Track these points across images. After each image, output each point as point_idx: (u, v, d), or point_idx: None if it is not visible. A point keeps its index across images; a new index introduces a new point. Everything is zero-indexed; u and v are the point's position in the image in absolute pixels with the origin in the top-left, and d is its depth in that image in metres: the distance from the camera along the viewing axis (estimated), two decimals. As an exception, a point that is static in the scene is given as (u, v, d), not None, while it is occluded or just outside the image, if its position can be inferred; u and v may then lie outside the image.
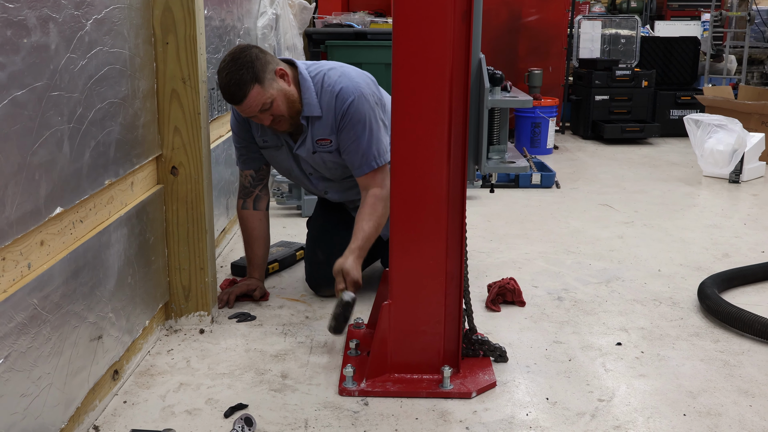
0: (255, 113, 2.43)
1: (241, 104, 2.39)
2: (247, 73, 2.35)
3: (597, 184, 4.95)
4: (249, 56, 2.37)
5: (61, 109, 1.65)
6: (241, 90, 2.36)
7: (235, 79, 2.35)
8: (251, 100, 2.38)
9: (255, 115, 2.44)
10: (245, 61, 2.36)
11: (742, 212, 4.26)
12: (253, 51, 2.41)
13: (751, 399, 2.06)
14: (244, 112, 2.44)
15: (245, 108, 2.41)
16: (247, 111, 2.43)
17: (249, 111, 2.42)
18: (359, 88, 2.51)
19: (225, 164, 3.41)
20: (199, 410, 1.97)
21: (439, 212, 2.02)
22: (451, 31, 1.91)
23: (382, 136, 2.55)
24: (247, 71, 2.35)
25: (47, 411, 1.61)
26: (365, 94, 2.51)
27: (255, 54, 2.39)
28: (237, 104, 2.41)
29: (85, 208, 1.83)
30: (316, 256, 2.81)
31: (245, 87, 2.35)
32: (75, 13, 1.72)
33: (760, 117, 5.72)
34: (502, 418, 1.94)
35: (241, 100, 2.37)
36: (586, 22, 7.32)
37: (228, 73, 2.36)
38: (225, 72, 2.37)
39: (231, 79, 2.35)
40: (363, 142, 2.52)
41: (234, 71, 2.35)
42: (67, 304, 1.70)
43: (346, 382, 2.06)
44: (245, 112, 2.44)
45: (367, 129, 2.51)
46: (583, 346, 2.40)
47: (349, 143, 2.53)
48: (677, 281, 3.02)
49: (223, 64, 2.39)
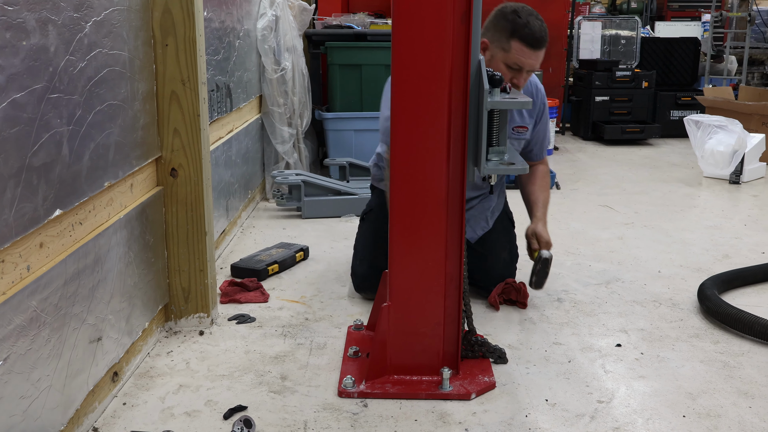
0: (534, 67, 2.54)
1: (540, 50, 2.51)
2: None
3: (597, 185, 4.95)
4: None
5: (60, 111, 1.65)
6: (546, 39, 2.51)
7: (545, 27, 2.50)
8: (543, 52, 2.53)
9: (525, 69, 2.53)
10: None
11: (743, 213, 4.25)
12: None
13: (750, 400, 2.06)
14: (529, 60, 2.51)
15: (539, 55, 2.51)
16: (535, 61, 2.52)
17: (536, 60, 2.52)
18: (539, 82, 2.86)
19: (225, 166, 3.41)
20: (198, 412, 1.97)
21: (438, 213, 2.02)
22: (451, 32, 1.91)
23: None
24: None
25: (46, 413, 1.61)
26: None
27: None
28: (539, 49, 2.50)
29: (85, 210, 1.83)
30: (377, 261, 2.62)
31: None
32: (74, 16, 1.72)
33: (760, 118, 5.71)
34: (501, 420, 1.94)
35: (544, 45, 2.51)
36: (586, 23, 7.32)
37: (539, 19, 2.49)
38: (535, 17, 2.49)
39: (543, 25, 2.49)
40: (548, 126, 2.91)
41: (542, 20, 2.50)
42: (67, 306, 1.70)
43: (346, 384, 2.06)
44: (532, 60, 2.51)
45: (547, 114, 2.91)
46: (583, 348, 2.39)
47: (541, 130, 2.87)
48: (677, 282, 3.02)
49: (527, 8, 2.50)
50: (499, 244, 2.87)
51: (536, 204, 2.81)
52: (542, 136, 2.90)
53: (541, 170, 2.93)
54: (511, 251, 2.91)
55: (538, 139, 2.90)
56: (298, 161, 4.55)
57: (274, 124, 4.36)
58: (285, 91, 4.39)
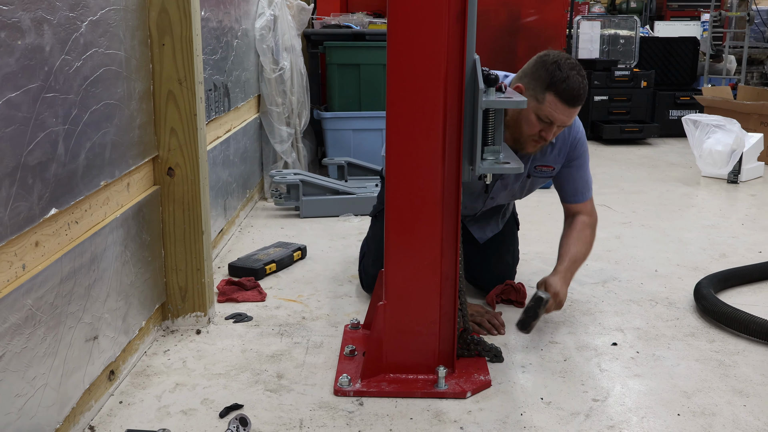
0: (566, 123, 2.36)
1: (576, 108, 2.33)
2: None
3: (595, 184, 4.88)
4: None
5: (55, 110, 1.66)
6: (585, 97, 2.33)
7: (585, 84, 2.32)
8: (578, 110, 2.35)
9: (556, 124, 2.35)
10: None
11: (740, 212, 4.26)
12: None
13: (745, 399, 2.07)
14: (561, 116, 2.32)
15: (573, 113, 2.33)
16: (567, 118, 2.34)
17: (568, 117, 2.34)
18: (581, 124, 2.62)
19: (222, 165, 3.41)
20: (194, 410, 1.97)
21: (433, 212, 2.03)
22: (446, 32, 1.92)
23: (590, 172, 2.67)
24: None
25: (42, 411, 1.61)
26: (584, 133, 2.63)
27: None
28: (573, 106, 2.31)
29: (81, 209, 1.84)
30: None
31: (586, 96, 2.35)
32: (70, 15, 1.72)
33: (759, 117, 5.72)
34: (496, 418, 1.95)
35: (580, 103, 2.33)
36: (585, 22, 7.33)
37: (581, 75, 2.31)
38: (577, 72, 2.30)
39: (584, 81, 2.31)
40: (584, 171, 2.63)
41: (584, 76, 2.32)
42: (63, 304, 1.71)
43: (342, 383, 2.07)
44: (564, 116, 2.32)
45: (587, 161, 2.64)
46: (579, 346, 2.40)
47: (574, 171, 2.61)
48: (674, 281, 3.03)
49: (570, 62, 2.31)
50: (504, 246, 2.88)
51: (563, 256, 2.52)
52: (573, 179, 2.62)
53: (580, 221, 2.61)
54: (513, 254, 2.92)
55: (573, 178, 2.62)
56: (296, 161, 4.56)
57: (272, 124, 4.37)
58: (283, 91, 4.39)
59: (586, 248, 2.60)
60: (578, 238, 2.58)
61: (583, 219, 2.63)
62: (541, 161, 2.58)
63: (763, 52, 8.41)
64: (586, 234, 2.61)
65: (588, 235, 2.62)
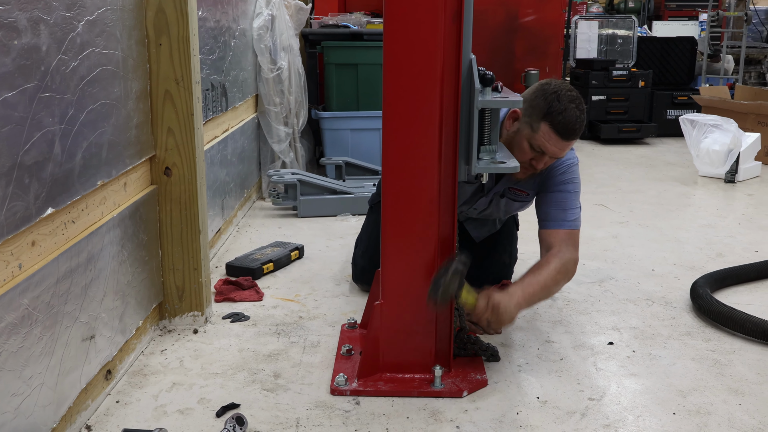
0: (558, 155, 2.32)
1: (570, 141, 2.28)
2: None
3: (593, 184, 4.95)
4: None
5: (52, 110, 1.66)
6: (580, 132, 2.29)
7: (583, 118, 2.27)
8: (573, 143, 2.30)
9: (548, 155, 2.30)
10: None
11: (737, 212, 4.27)
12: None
13: (740, 398, 2.07)
14: (554, 148, 2.27)
15: (566, 145, 2.29)
16: (560, 150, 2.29)
17: (560, 150, 2.29)
18: (576, 157, 2.51)
19: (220, 165, 3.42)
20: (191, 410, 1.98)
21: (430, 212, 2.03)
22: (442, 31, 1.92)
23: (578, 204, 2.47)
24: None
25: (38, 410, 1.62)
26: (577, 163, 2.51)
27: None
28: (568, 139, 2.26)
29: (77, 208, 1.84)
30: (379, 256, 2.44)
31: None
32: (66, 15, 1.73)
33: (756, 117, 5.73)
34: (492, 417, 1.95)
35: (575, 137, 2.28)
36: (583, 22, 7.34)
37: (580, 109, 2.26)
38: (576, 105, 2.25)
39: (582, 115, 2.26)
40: (563, 197, 2.43)
41: (583, 110, 2.27)
42: (59, 304, 1.71)
43: (338, 382, 2.07)
44: (557, 148, 2.28)
45: (571, 190, 2.45)
46: (575, 346, 2.40)
47: (549, 195, 2.45)
48: (670, 281, 3.03)
49: (570, 94, 2.26)
50: (501, 246, 2.88)
51: (523, 276, 2.29)
52: (547, 203, 2.45)
53: (549, 254, 2.34)
54: (511, 254, 2.92)
55: (541, 205, 2.48)
56: (294, 160, 4.56)
57: (270, 123, 4.37)
58: (281, 91, 4.40)
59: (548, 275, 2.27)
60: (543, 265, 2.31)
61: (554, 252, 2.34)
62: (515, 184, 2.52)
63: (760, 51, 8.42)
64: (552, 264, 2.30)
65: (555, 265, 2.29)
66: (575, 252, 2.39)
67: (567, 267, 2.33)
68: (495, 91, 2.00)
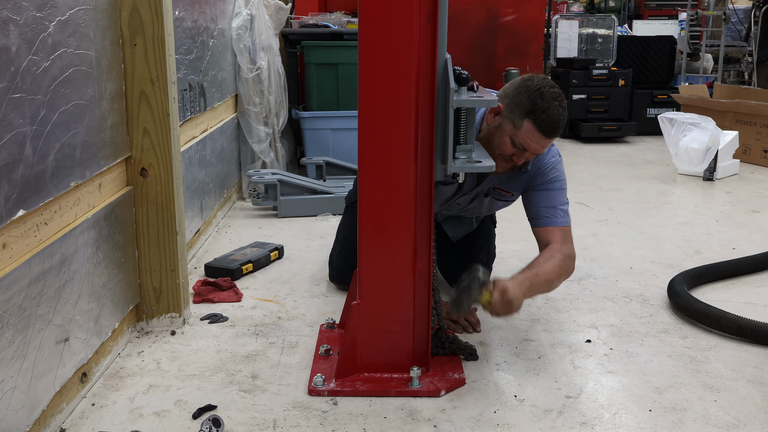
0: (539, 152, 2.32)
1: (552, 138, 2.27)
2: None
3: (573, 182, 4.95)
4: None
5: (23, 111, 1.64)
6: (562, 129, 2.28)
7: (565, 116, 2.26)
8: (554, 139, 2.29)
9: (529, 151, 2.29)
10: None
11: (715, 210, 4.30)
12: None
13: (716, 394, 2.09)
14: (536, 146, 2.26)
15: (545, 144, 2.28)
16: (541, 148, 2.29)
17: (542, 147, 2.29)
18: (559, 153, 2.52)
19: (199, 165, 3.40)
20: (167, 412, 1.97)
21: (407, 211, 2.03)
22: (417, 31, 1.92)
23: (567, 199, 2.50)
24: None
25: (11, 414, 1.60)
26: (561, 160, 2.51)
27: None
28: (550, 137, 2.26)
29: (50, 210, 1.82)
30: (354, 256, 2.30)
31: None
32: (37, 15, 1.71)
33: (734, 115, 5.78)
34: (470, 416, 1.96)
35: (557, 134, 2.27)
36: (564, 21, 7.37)
37: (562, 106, 2.25)
38: (558, 103, 2.24)
39: (564, 113, 2.25)
40: (550, 195, 2.45)
41: (565, 107, 2.26)
42: (31, 307, 1.69)
43: (316, 382, 2.07)
44: (539, 146, 2.27)
45: (557, 186, 2.47)
46: (553, 344, 2.41)
47: (536, 193, 2.47)
48: (648, 278, 3.05)
49: (553, 91, 2.24)
50: (478, 245, 2.87)
51: (524, 269, 2.29)
52: (535, 201, 2.47)
53: (550, 249, 2.37)
54: (488, 253, 2.92)
55: (530, 204, 2.50)
56: (274, 160, 4.54)
57: (250, 124, 4.36)
58: (261, 91, 4.38)
59: (551, 269, 2.30)
60: (546, 258, 2.33)
61: (554, 247, 2.37)
62: (499, 184, 2.52)
63: (739, 50, 8.49)
64: (555, 258, 2.33)
65: (558, 260, 2.33)
66: (572, 248, 2.44)
67: (568, 263, 2.39)
68: (471, 91, 2.00)
